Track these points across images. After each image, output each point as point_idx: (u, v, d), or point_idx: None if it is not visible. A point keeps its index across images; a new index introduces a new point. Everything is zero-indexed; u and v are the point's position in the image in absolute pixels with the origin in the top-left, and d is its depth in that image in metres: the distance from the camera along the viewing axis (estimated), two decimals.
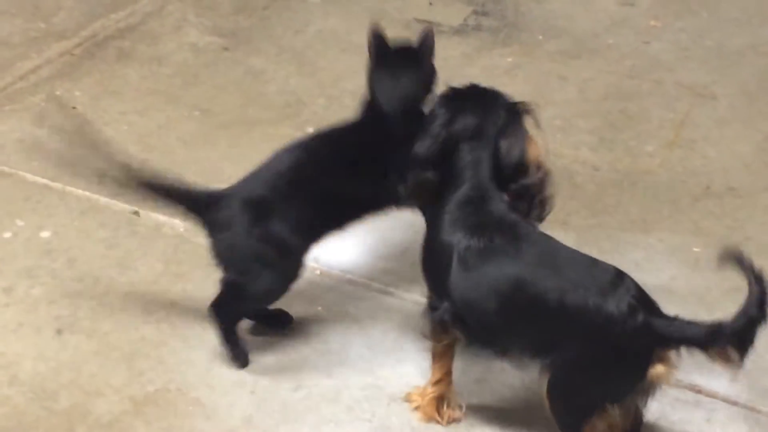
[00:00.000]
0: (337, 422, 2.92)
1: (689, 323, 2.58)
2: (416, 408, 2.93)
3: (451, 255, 2.68)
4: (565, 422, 2.70)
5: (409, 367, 3.08)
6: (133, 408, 2.96)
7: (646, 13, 5.08)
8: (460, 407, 2.93)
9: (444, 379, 2.89)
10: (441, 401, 2.90)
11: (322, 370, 3.08)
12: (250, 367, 3.08)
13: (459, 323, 2.73)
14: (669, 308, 3.22)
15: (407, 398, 2.96)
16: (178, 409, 2.95)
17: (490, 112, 2.79)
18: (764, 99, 4.39)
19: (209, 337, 3.15)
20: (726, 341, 2.51)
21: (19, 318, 3.26)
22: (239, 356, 3.07)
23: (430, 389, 2.91)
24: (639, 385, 2.60)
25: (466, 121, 2.78)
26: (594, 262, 2.67)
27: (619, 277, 2.61)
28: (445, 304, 2.72)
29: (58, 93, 4.40)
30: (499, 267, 2.64)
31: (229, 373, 3.06)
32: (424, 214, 2.92)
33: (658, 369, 2.58)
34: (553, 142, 4.06)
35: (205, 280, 3.37)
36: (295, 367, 3.09)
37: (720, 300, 3.32)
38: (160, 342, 3.17)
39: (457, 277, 2.68)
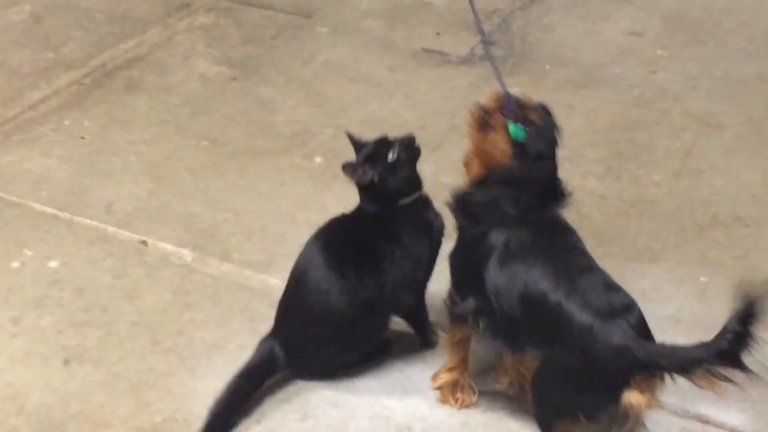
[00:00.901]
0: None
1: (672, 347, 2.62)
2: (436, 389, 3.07)
3: (489, 250, 2.82)
4: (540, 416, 2.83)
5: (416, 398, 3.08)
6: None
7: (653, 42, 5.09)
8: (474, 392, 3.05)
9: (458, 366, 3.03)
10: (455, 386, 3.04)
11: (329, 400, 3.08)
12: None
13: (482, 316, 2.86)
14: (676, 338, 3.24)
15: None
16: None
17: None
18: None
19: (216, 367, 3.16)
20: (710, 362, 2.54)
21: (26, 348, 3.27)
22: None
23: (442, 374, 3.05)
24: (613, 407, 2.64)
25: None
26: (612, 285, 2.76)
27: (631, 305, 2.68)
28: (470, 299, 2.87)
29: (66, 123, 4.43)
30: (531, 266, 2.76)
31: None
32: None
33: (633, 395, 2.61)
34: (560, 171, 4.08)
35: (212, 310, 3.41)
36: (302, 396, 3.09)
37: None
38: (167, 372, 3.18)
39: (494, 269, 2.81)
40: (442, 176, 3.79)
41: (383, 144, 3.10)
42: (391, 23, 5.28)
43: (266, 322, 3.21)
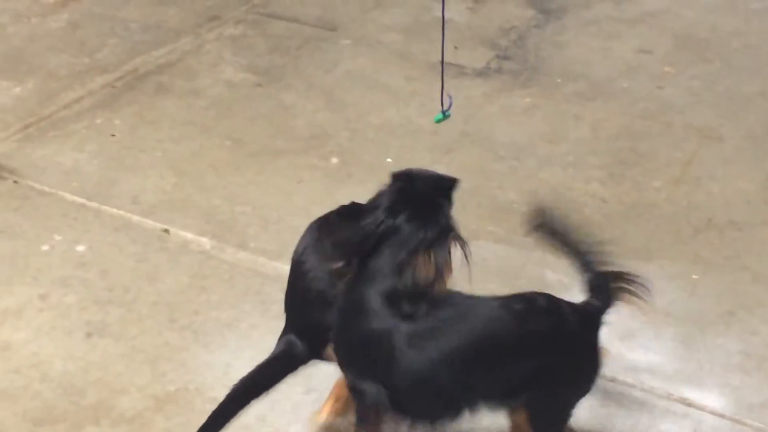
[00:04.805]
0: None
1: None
2: None
3: (390, 341, 2.61)
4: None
5: None
6: (155, 405, 3.16)
7: (661, 60, 5.28)
8: None
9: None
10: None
11: (333, 375, 3.24)
12: None
13: (396, 404, 2.67)
14: (665, 330, 3.44)
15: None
16: (196, 406, 3.15)
17: (424, 226, 2.69)
18: None
19: (228, 343, 3.37)
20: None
21: (52, 322, 3.49)
22: None
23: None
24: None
25: (399, 229, 2.68)
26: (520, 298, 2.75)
27: (551, 299, 2.76)
28: (378, 387, 2.65)
29: (98, 121, 4.66)
30: (452, 337, 2.62)
31: None
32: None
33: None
34: (565, 176, 4.29)
35: (227, 292, 3.61)
36: (307, 372, 3.26)
37: (714, 323, 3.52)
38: (182, 347, 3.39)
39: (406, 359, 2.60)
40: None
41: None
42: (410, 37, 5.50)
43: (277, 304, 3.37)
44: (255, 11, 5.81)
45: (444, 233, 2.70)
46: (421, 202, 2.72)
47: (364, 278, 2.67)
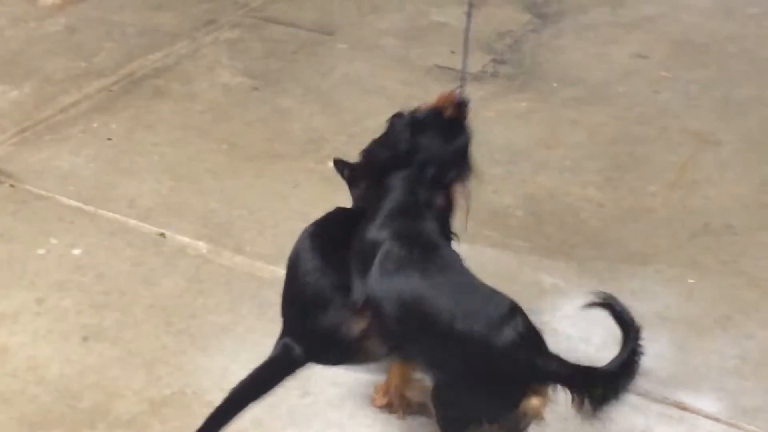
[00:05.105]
0: (341, 426, 3.11)
1: (566, 364, 2.74)
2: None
3: (375, 254, 2.91)
4: (445, 428, 2.90)
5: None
6: (151, 408, 3.16)
7: (658, 65, 5.29)
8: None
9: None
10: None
11: (329, 379, 3.27)
12: None
13: (373, 313, 2.96)
14: (661, 333, 3.44)
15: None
16: (192, 410, 3.14)
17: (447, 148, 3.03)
18: (766, 145, 4.58)
19: (225, 347, 3.37)
20: (594, 384, 2.69)
21: (48, 326, 3.48)
22: None
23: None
24: (513, 413, 2.77)
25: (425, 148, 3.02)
26: (493, 295, 2.85)
27: (512, 312, 2.77)
28: (363, 290, 2.95)
29: (95, 125, 4.66)
30: (408, 278, 2.86)
31: None
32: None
33: (532, 401, 2.75)
34: (561, 180, 4.30)
35: (224, 296, 3.61)
36: (303, 376, 3.28)
37: (710, 327, 3.52)
38: (179, 350, 3.38)
39: (375, 277, 2.90)
40: None
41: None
42: (407, 41, 5.51)
43: (273, 308, 3.41)
44: (251, 15, 5.81)
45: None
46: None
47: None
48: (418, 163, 3.00)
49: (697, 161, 4.45)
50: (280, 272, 3.51)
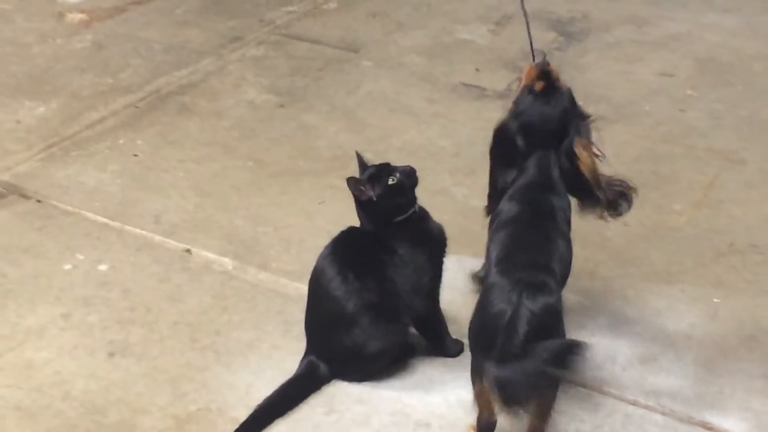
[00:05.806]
0: None
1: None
2: None
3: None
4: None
5: (436, 397, 3.27)
6: (176, 425, 3.17)
7: (683, 83, 5.28)
8: None
9: None
10: None
11: (354, 396, 3.28)
12: None
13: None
14: (686, 353, 3.43)
15: None
16: (217, 427, 3.15)
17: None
18: None
19: (250, 363, 3.38)
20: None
21: (74, 341, 3.50)
22: None
23: None
24: None
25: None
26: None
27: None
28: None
29: (121, 141, 4.69)
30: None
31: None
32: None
33: None
34: None
35: (249, 313, 3.62)
36: (328, 393, 3.29)
37: (736, 347, 3.50)
38: (204, 367, 3.39)
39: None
40: (473, 200, 4.01)
41: (385, 169, 3.33)
42: (432, 59, 5.52)
43: (298, 325, 3.42)
44: (277, 32, 5.84)
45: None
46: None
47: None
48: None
49: (722, 180, 4.43)
50: (305, 289, 3.51)
